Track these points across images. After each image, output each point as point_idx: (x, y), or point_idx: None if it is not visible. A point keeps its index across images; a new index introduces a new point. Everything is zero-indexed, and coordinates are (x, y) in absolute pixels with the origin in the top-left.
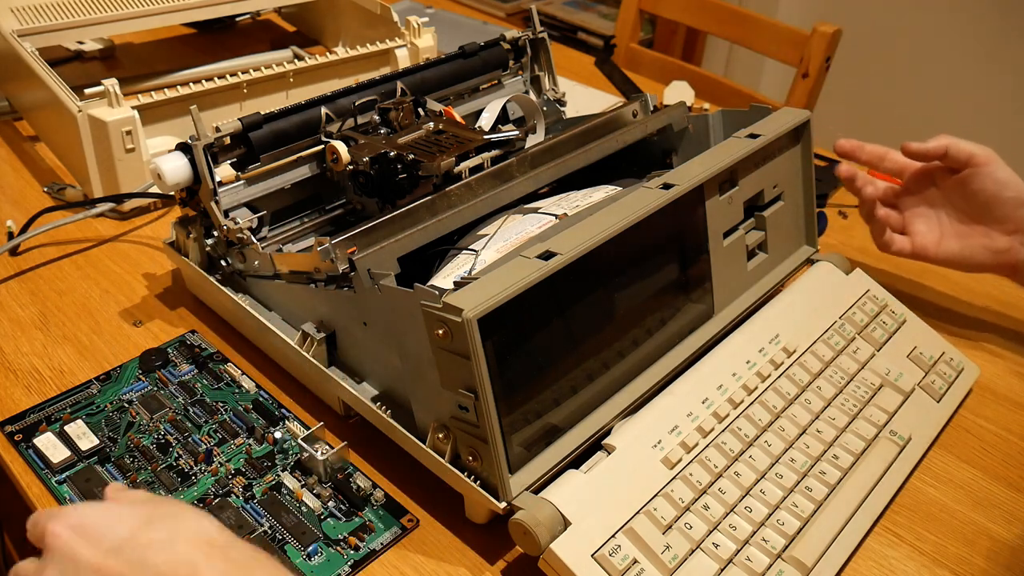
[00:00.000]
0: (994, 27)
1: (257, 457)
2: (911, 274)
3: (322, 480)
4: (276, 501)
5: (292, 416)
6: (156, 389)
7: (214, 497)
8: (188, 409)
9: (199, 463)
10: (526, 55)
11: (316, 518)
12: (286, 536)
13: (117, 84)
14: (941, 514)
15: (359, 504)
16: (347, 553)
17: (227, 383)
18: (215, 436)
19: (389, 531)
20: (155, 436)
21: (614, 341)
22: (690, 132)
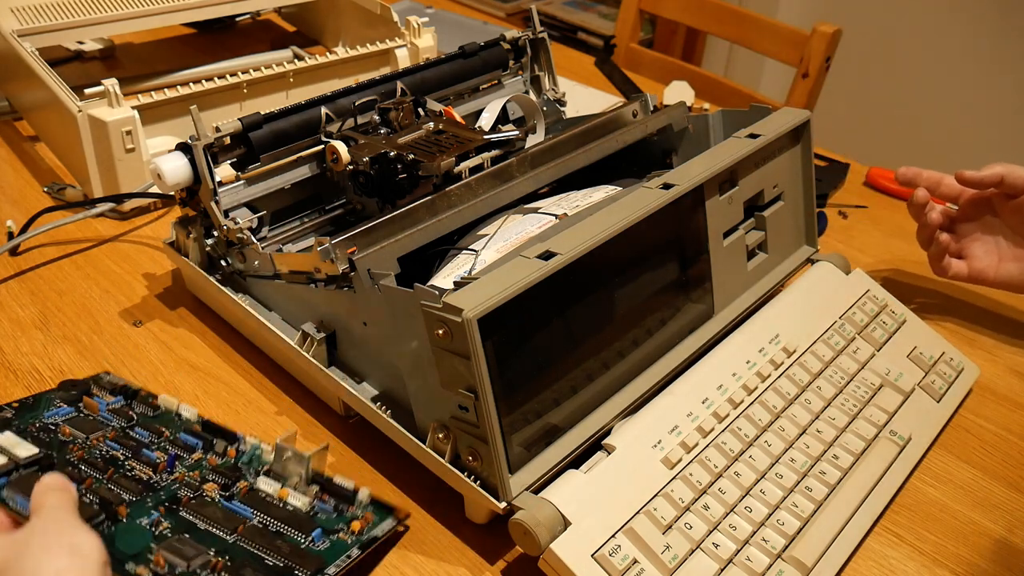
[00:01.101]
0: (994, 27)
1: (222, 468)
2: (911, 274)
3: (305, 480)
4: (259, 499)
5: (244, 438)
6: (84, 415)
7: (191, 497)
8: (127, 431)
9: (159, 472)
10: (526, 55)
11: (307, 516)
12: (282, 528)
13: (117, 84)
14: (941, 514)
15: (349, 500)
16: (351, 538)
17: (164, 412)
18: (168, 451)
19: (386, 522)
20: (99, 451)
21: (614, 341)
22: (690, 132)
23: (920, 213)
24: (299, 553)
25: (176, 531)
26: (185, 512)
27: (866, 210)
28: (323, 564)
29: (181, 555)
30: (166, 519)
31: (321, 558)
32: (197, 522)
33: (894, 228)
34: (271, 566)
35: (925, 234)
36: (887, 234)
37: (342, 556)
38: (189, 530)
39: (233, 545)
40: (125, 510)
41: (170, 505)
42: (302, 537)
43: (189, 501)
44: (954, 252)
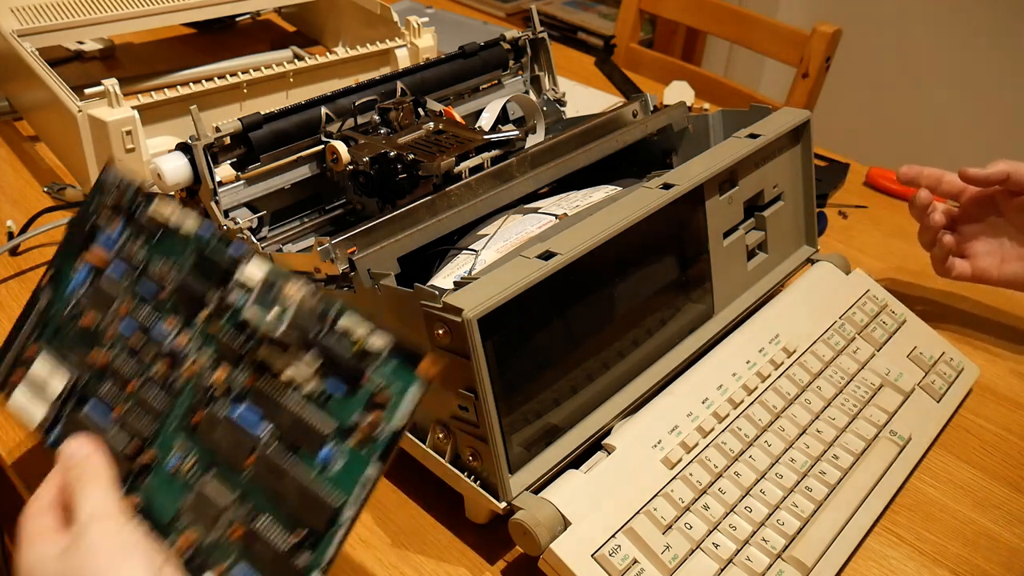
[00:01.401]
0: (994, 27)
1: (225, 337)
2: (911, 274)
3: (301, 347)
4: (264, 395)
5: (248, 252)
6: (96, 277)
7: (202, 407)
8: (136, 290)
9: (173, 364)
10: (526, 55)
11: (317, 403)
12: (292, 443)
13: (117, 84)
14: (941, 514)
15: (358, 365)
16: (367, 448)
17: (163, 231)
18: (179, 316)
19: (409, 394)
20: (119, 345)
21: (614, 341)
22: (690, 132)
23: (923, 214)
24: (310, 497)
25: (199, 468)
26: (201, 438)
27: (866, 210)
28: (335, 513)
29: (205, 518)
30: (188, 450)
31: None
32: (213, 452)
33: (894, 228)
34: (286, 516)
35: (928, 236)
36: (887, 234)
37: (357, 486)
38: (209, 466)
39: (249, 487)
40: (153, 454)
41: (187, 423)
42: (310, 460)
43: (200, 419)
44: (957, 252)
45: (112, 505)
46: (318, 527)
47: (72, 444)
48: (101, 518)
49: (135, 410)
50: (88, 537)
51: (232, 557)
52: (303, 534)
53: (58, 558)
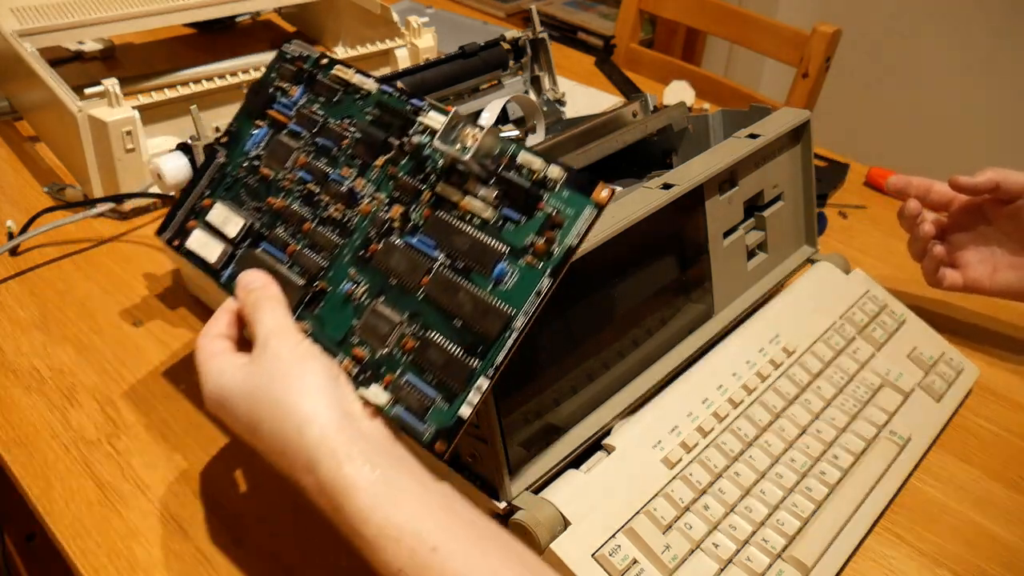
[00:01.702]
0: (994, 27)
1: (404, 175)
2: (911, 274)
3: (481, 179)
4: (441, 223)
5: (426, 105)
6: (275, 132)
7: (377, 240)
8: (315, 142)
9: (348, 205)
10: (526, 55)
11: (493, 229)
12: (466, 262)
13: (117, 84)
14: (941, 514)
15: (536, 194)
16: (541, 263)
17: (344, 90)
18: (354, 164)
19: (583, 214)
20: (296, 192)
21: (614, 341)
22: (690, 132)
23: (912, 225)
24: (483, 307)
25: (371, 293)
26: (375, 266)
27: (866, 210)
28: (508, 319)
29: (377, 335)
30: (361, 278)
31: (506, 311)
32: (387, 278)
33: (894, 228)
34: (458, 327)
35: (917, 247)
36: (887, 234)
37: (530, 298)
38: (382, 291)
39: (421, 303)
40: (324, 284)
41: (362, 256)
42: (486, 274)
43: (377, 248)
44: (947, 262)
45: (289, 323)
46: (490, 334)
47: (250, 273)
48: (280, 333)
49: (309, 248)
50: (270, 348)
51: (401, 368)
52: (476, 341)
53: (243, 367)
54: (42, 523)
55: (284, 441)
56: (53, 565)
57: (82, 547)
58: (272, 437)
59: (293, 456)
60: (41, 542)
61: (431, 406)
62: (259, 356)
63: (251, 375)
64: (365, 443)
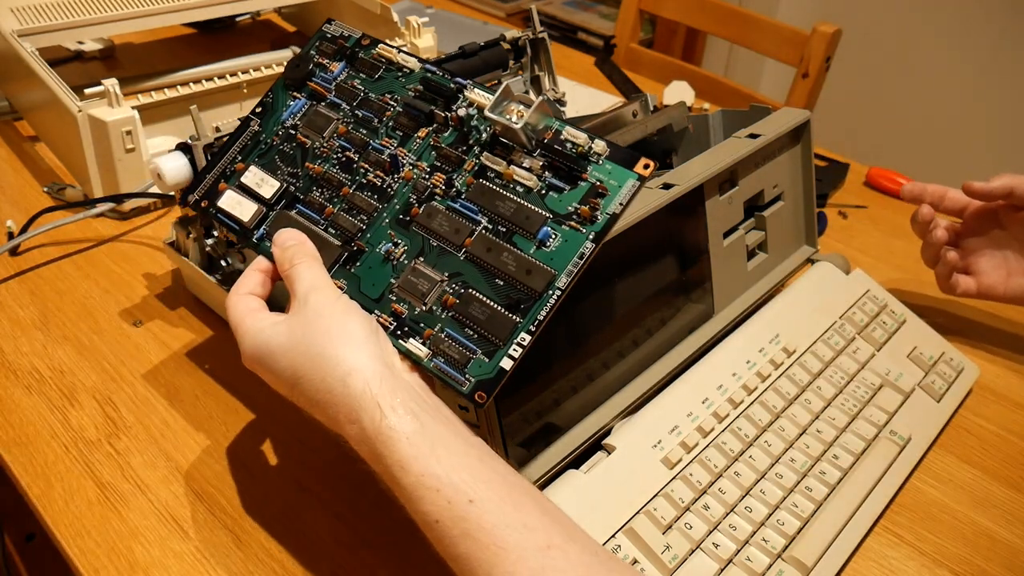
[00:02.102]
0: (995, 26)
1: (448, 145)
2: (911, 274)
3: (528, 150)
4: (485, 190)
5: (470, 83)
6: (314, 103)
7: (418, 205)
8: (356, 114)
9: (388, 173)
10: (526, 55)
11: (537, 197)
12: (509, 226)
13: (117, 84)
14: (941, 514)
15: (580, 165)
16: (584, 227)
17: (386, 68)
18: (395, 136)
19: (625, 187)
20: (334, 159)
21: (614, 341)
22: (690, 132)
23: (925, 230)
24: (526, 266)
25: (410, 254)
26: (416, 228)
27: (866, 210)
28: (552, 277)
29: (416, 293)
30: (400, 240)
31: (550, 269)
32: (428, 238)
33: (894, 228)
34: (500, 286)
35: (931, 252)
36: (887, 234)
37: (573, 259)
38: (422, 252)
39: (463, 263)
40: (363, 244)
41: (402, 220)
42: (529, 237)
43: (418, 212)
44: (960, 268)
45: (327, 279)
46: (536, 289)
47: (285, 232)
48: (319, 288)
49: (347, 211)
50: (310, 303)
51: (440, 324)
52: (518, 299)
53: (283, 322)
54: (42, 523)
55: (329, 392)
56: (53, 565)
57: (82, 547)
58: (315, 389)
59: (337, 407)
60: (41, 542)
61: (471, 359)
62: (299, 311)
63: (292, 330)
64: (406, 394)
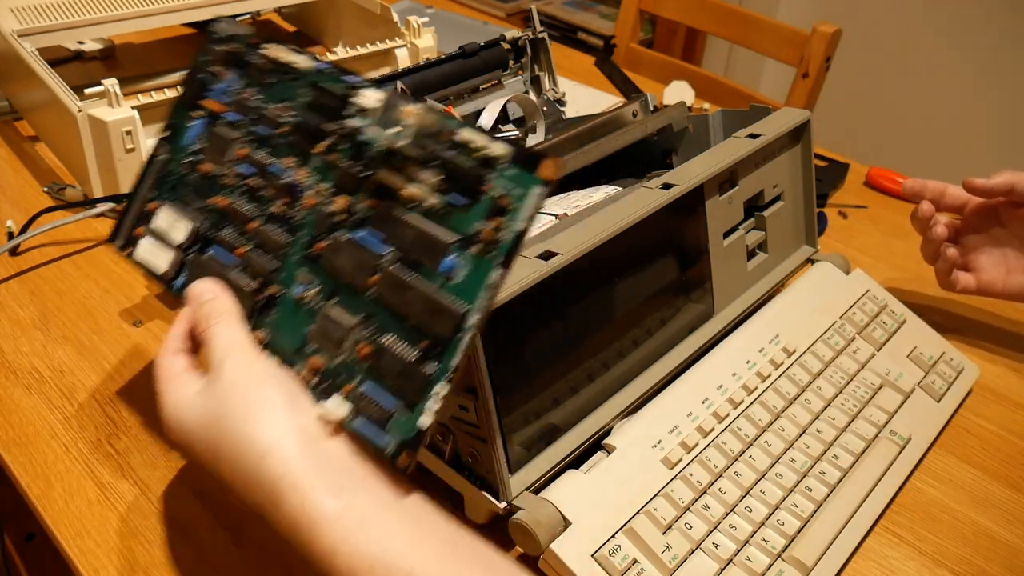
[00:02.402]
0: (994, 27)
1: (345, 162)
2: (911, 274)
3: (421, 162)
4: (387, 214)
5: (361, 81)
6: (212, 122)
7: (323, 237)
8: (254, 132)
9: (292, 199)
10: (526, 55)
11: (439, 216)
12: (414, 258)
13: (117, 84)
14: (941, 514)
15: (479, 174)
16: (490, 252)
17: (278, 71)
18: (295, 153)
19: (531, 194)
20: (239, 188)
21: (614, 341)
22: (690, 132)
23: (925, 227)
24: (433, 306)
25: (324, 296)
26: (324, 265)
27: (866, 210)
28: (460, 317)
29: (332, 341)
30: (312, 280)
31: (457, 309)
32: (337, 279)
33: (894, 228)
34: (411, 329)
35: (930, 249)
36: (887, 234)
37: (482, 292)
38: (335, 292)
39: (372, 307)
40: (277, 288)
41: (309, 254)
42: (433, 272)
43: (324, 246)
44: (960, 265)
45: (244, 338)
46: (444, 334)
47: (200, 285)
48: (235, 350)
49: (258, 248)
50: (225, 371)
51: (359, 376)
52: (429, 344)
53: (200, 394)
54: (42, 523)
55: (246, 475)
56: (53, 565)
57: (82, 547)
58: (234, 471)
59: (257, 490)
60: (41, 542)
61: (391, 416)
62: (215, 382)
63: (207, 405)
64: (328, 468)
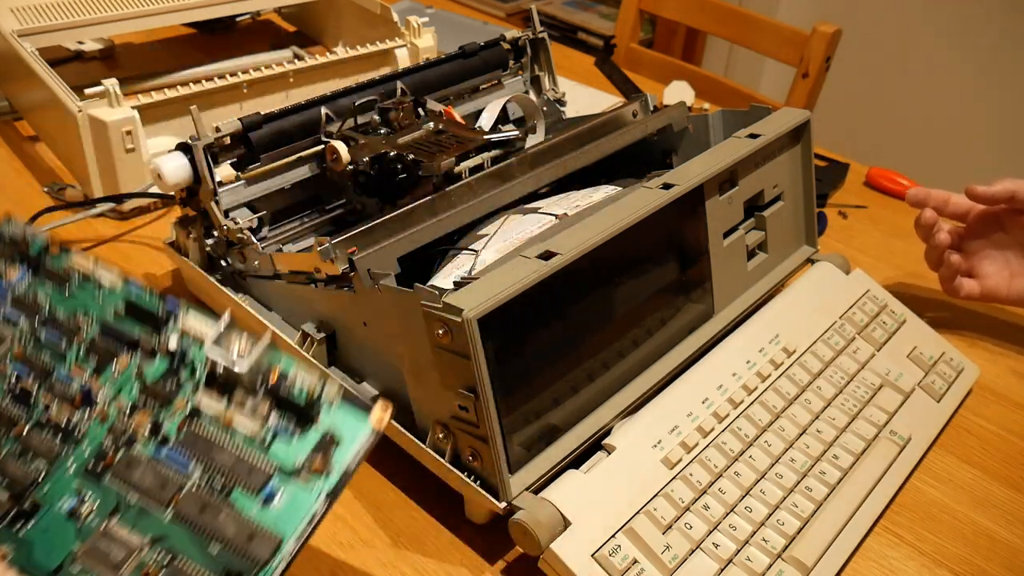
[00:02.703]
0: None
1: (154, 381)
2: (911, 274)
3: (251, 391)
4: (200, 437)
5: (184, 307)
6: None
7: (114, 451)
8: (37, 335)
9: (77, 407)
10: (526, 55)
11: (261, 446)
12: (228, 481)
13: (117, 84)
14: (941, 514)
15: (310, 410)
16: (315, 484)
17: (80, 284)
18: (88, 363)
19: (360, 435)
20: (4, 387)
21: (614, 341)
22: (690, 132)
23: (928, 234)
24: (248, 530)
25: (102, 512)
26: (111, 480)
27: (866, 210)
28: (278, 542)
29: (107, 562)
30: (89, 495)
31: (275, 534)
32: (126, 493)
33: (894, 228)
34: (217, 554)
35: (934, 255)
36: (887, 234)
37: (303, 520)
38: (117, 508)
39: (169, 527)
40: (39, 500)
41: (93, 469)
42: (253, 495)
43: (114, 460)
44: (964, 271)
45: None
46: (260, 558)
47: None
48: None
49: (20, 453)
50: None
51: None
52: (239, 568)
53: None
54: None
55: None
56: None
57: None
58: None
59: None
60: None
61: None
62: None
63: None
64: None
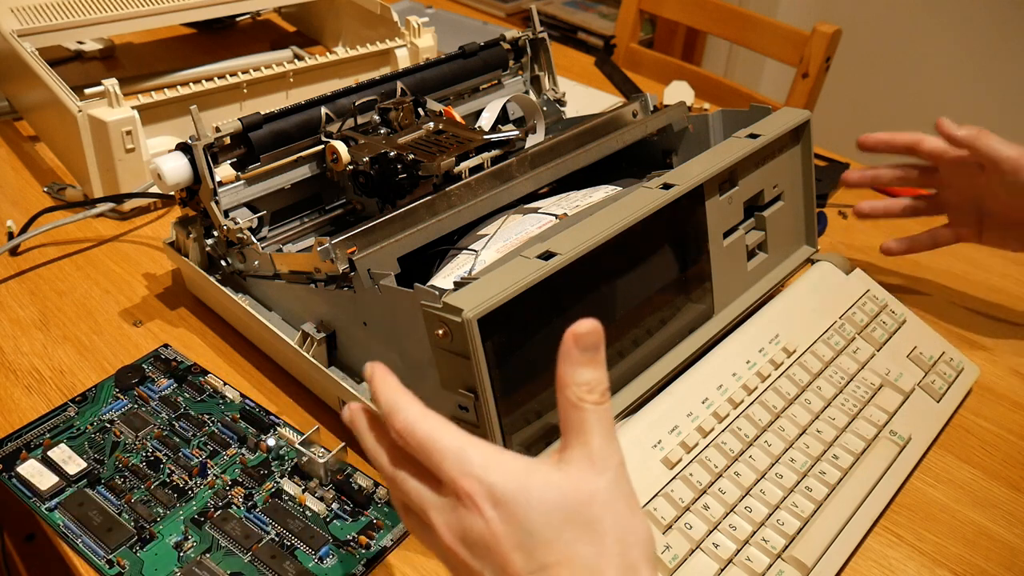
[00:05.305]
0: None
1: (253, 466)
2: (911, 274)
3: (323, 483)
4: (279, 508)
5: (282, 423)
6: (137, 407)
7: (215, 510)
8: (173, 424)
9: (193, 477)
10: (526, 55)
11: (322, 521)
12: (295, 541)
13: (117, 84)
14: (941, 514)
15: (364, 503)
16: (359, 552)
17: (210, 395)
18: (206, 448)
19: (397, 526)
20: (143, 454)
21: (614, 341)
22: (690, 132)
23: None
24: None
25: (198, 550)
26: (209, 527)
27: None
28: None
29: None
30: (192, 536)
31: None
32: (219, 538)
33: (894, 228)
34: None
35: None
36: (887, 234)
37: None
38: (210, 548)
39: (247, 566)
40: (155, 531)
41: (197, 518)
42: (312, 554)
43: (214, 515)
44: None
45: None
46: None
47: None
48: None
49: (146, 500)
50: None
51: None
52: None
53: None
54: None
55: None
56: (53, 565)
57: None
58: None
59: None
60: (41, 542)
61: None
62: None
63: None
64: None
